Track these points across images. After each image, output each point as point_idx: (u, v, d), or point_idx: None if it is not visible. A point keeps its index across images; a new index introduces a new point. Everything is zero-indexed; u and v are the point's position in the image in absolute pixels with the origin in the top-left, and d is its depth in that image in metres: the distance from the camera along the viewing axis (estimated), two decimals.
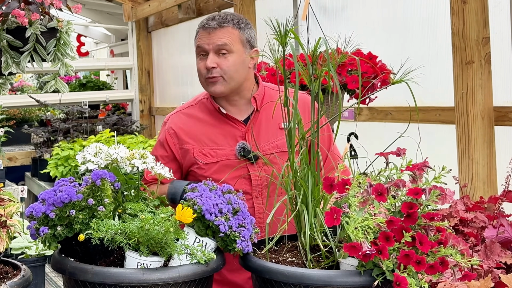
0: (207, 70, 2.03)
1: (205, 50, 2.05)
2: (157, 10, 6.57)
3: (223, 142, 2.07)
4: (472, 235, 1.91)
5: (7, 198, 1.66)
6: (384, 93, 2.55)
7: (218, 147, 2.07)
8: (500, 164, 2.89)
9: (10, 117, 7.23)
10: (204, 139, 2.08)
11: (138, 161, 1.60)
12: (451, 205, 2.20)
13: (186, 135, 2.10)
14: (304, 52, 1.63)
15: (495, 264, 1.69)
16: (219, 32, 2.03)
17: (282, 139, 2.05)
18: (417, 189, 1.42)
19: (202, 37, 2.05)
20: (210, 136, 2.08)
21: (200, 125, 2.11)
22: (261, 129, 2.08)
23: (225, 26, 2.04)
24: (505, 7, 3.03)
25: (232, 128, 2.08)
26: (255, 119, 2.09)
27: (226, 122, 2.09)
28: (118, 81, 9.43)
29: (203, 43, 2.05)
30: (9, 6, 1.97)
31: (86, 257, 1.57)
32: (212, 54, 2.03)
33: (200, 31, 2.07)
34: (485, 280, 1.51)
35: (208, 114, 2.12)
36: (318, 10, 4.25)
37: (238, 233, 1.53)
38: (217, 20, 2.05)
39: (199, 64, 2.07)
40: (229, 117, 2.09)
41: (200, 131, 2.10)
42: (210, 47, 2.03)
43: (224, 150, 2.06)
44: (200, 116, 2.12)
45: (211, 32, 2.03)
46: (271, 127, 2.08)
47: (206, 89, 2.10)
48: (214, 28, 2.03)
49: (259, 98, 2.10)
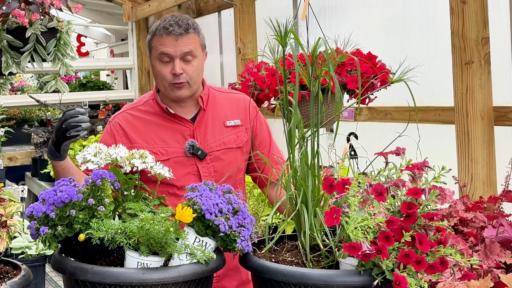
0: (174, 76, 2.07)
1: (171, 56, 2.06)
2: (157, 10, 6.57)
3: (172, 140, 2.12)
4: (471, 235, 1.92)
5: (7, 198, 1.67)
6: (383, 93, 2.55)
7: (167, 146, 2.11)
8: (500, 164, 2.89)
9: (10, 117, 7.23)
10: (154, 138, 2.12)
11: (138, 161, 1.61)
12: (451, 205, 2.20)
13: (134, 134, 2.13)
14: (304, 52, 1.63)
15: (494, 264, 1.70)
16: (185, 39, 2.06)
17: (228, 136, 2.15)
18: (416, 189, 1.42)
19: (167, 43, 2.06)
20: (159, 135, 2.12)
21: (148, 125, 2.14)
22: (208, 127, 2.15)
23: (189, 33, 2.06)
24: (505, 7, 3.03)
25: (180, 127, 2.13)
26: (201, 117, 2.15)
27: (174, 122, 2.14)
28: (118, 81, 9.42)
29: (169, 49, 2.05)
30: (10, 6, 1.98)
31: (86, 257, 1.57)
32: (178, 60, 2.05)
33: (164, 37, 2.06)
34: (485, 280, 1.51)
35: (155, 114, 2.16)
36: (318, 10, 4.25)
37: (238, 232, 1.53)
38: (182, 27, 2.05)
39: (163, 69, 2.08)
40: (177, 116, 2.14)
41: (149, 131, 2.13)
42: (177, 54, 2.05)
43: (173, 148, 2.11)
44: (147, 117, 2.16)
45: (178, 39, 2.05)
46: (216, 125, 2.16)
47: (170, 94, 2.11)
48: (181, 35, 2.05)
49: (205, 98, 2.17)
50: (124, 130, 2.14)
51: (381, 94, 2.56)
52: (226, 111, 2.19)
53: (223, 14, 5.71)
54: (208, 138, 2.14)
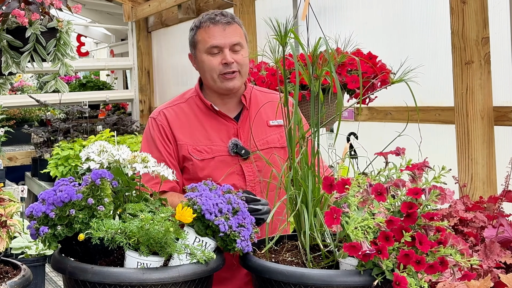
0: (224, 66, 2.03)
1: (220, 47, 2.03)
2: (157, 10, 6.57)
3: (216, 138, 2.08)
4: (471, 235, 1.92)
5: (7, 198, 1.67)
6: (384, 93, 2.55)
7: (212, 144, 2.07)
8: (500, 164, 2.89)
9: (10, 117, 7.23)
10: (198, 135, 2.08)
11: (140, 165, 1.60)
12: (451, 205, 2.20)
13: (178, 131, 2.09)
14: (304, 52, 1.63)
15: (494, 264, 1.70)
16: (233, 28, 2.04)
17: (272, 135, 2.11)
18: (416, 189, 1.42)
19: (216, 34, 2.03)
20: (204, 132, 2.08)
21: (192, 122, 2.10)
22: (252, 126, 2.10)
23: (235, 23, 2.06)
24: (505, 7, 3.03)
25: (224, 125, 2.10)
26: (245, 116, 2.12)
27: (218, 119, 2.10)
28: (118, 81, 9.42)
29: (218, 41, 2.03)
30: (9, 6, 1.98)
31: (86, 257, 1.57)
32: (227, 50, 2.02)
33: (212, 27, 2.04)
34: (485, 280, 1.51)
35: (199, 111, 2.12)
36: (318, 10, 4.25)
37: (238, 232, 1.53)
38: (228, 16, 2.05)
39: (212, 60, 2.05)
40: (221, 114, 2.10)
41: (193, 128, 2.09)
42: (226, 44, 2.02)
43: (218, 146, 2.07)
44: (191, 113, 2.12)
45: (226, 28, 2.03)
46: (260, 124, 2.12)
47: (220, 86, 2.06)
48: (228, 23, 2.04)
49: (248, 96, 2.13)
50: (170, 126, 2.09)
51: (381, 94, 2.56)
52: (268, 111, 2.13)
53: None
54: (251, 137, 2.08)
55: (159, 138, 2.09)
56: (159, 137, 2.09)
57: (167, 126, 2.09)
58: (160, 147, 2.08)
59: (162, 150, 2.07)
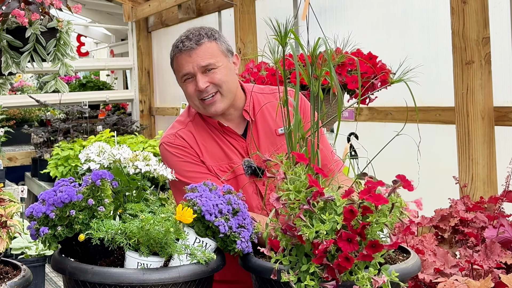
0: (199, 93, 1.96)
1: (190, 73, 1.96)
2: (157, 10, 6.57)
3: (233, 155, 2.01)
4: (472, 235, 1.92)
5: (7, 198, 1.66)
6: (384, 93, 2.55)
7: (232, 162, 2.00)
8: (500, 164, 2.89)
9: (10, 117, 7.23)
10: (218, 154, 2.00)
11: (141, 163, 1.60)
12: (451, 205, 2.20)
13: (200, 152, 2.00)
14: (304, 52, 1.62)
15: (495, 264, 1.70)
16: (199, 51, 1.94)
17: (282, 145, 2.01)
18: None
19: (183, 62, 1.96)
20: (221, 151, 2.01)
21: (208, 141, 2.01)
22: (261, 140, 2.03)
23: (202, 43, 1.95)
24: (505, 7, 3.03)
25: (234, 142, 2.03)
26: (252, 131, 2.03)
27: (228, 135, 2.03)
28: (118, 81, 9.43)
29: (186, 69, 1.96)
30: (9, 6, 1.97)
31: (86, 257, 1.57)
32: (199, 75, 1.94)
33: (178, 56, 1.97)
34: (485, 280, 1.51)
35: (210, 129, 2.03)
36: (318, 10, 4.25)
37: (238, 233, 1.53)
38: (193, 40, 1.95)
39: (189, 88, 1.97)
40: (229, 130, 2.03)
41: (212, 147, 2.01)
42: (195, 69, 1.95)
43: (237, 164, 1.99)
44: (203, 132, 2.03)
45: (192, 54, 1.94)
46: (268, 135, 2.04)
47: (204, 112, 2.00)
48: (193, 49, 1.94)
49: (250, 109, 2.04)
50: (192, 147, 2.00)
51: (381, 94, 2.56)
52: (274, 115, 2.03)
53: (223, 14, 5.71)
54: (261, 151, 1.97)
55: (191, 158, 1.99)
56: (188, 158, 1.99)
57: (189, 147, 2.00)
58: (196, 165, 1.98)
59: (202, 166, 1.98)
